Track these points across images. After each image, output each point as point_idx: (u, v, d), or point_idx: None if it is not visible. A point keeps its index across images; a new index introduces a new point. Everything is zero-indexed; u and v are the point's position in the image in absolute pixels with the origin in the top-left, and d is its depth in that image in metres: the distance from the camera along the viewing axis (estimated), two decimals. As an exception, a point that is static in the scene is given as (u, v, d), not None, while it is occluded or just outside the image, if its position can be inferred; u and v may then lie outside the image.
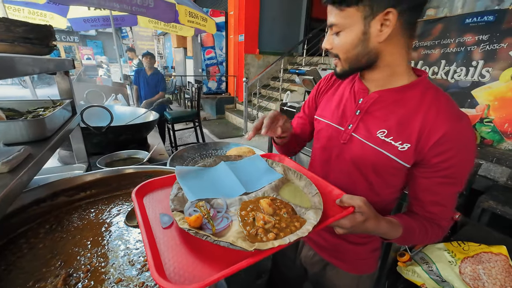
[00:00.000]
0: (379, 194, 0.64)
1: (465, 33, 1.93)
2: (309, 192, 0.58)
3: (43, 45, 0.82)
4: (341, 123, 0.66)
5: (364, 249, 0.74)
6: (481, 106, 1.91)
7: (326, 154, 0.71)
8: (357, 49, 0.54)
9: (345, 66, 0.58)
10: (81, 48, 13.80)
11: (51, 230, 0.65)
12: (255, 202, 0.52)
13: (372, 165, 0.60)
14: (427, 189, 0.57)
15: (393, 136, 0.56)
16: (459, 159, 0.52)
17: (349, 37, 0.53)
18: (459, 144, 0.51)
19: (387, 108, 0.58)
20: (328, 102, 0.73)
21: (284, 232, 0.43)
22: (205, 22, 3.21)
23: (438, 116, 0.52)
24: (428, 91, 0.56)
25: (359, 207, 0.49)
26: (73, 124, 0.96)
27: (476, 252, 1.20)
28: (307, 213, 0.49)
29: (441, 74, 2.12)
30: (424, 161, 0.54)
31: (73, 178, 0.75)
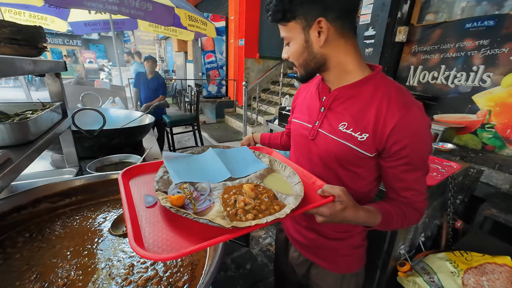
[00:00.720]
0: (349, 187, 0.64)
1: (465, 38, 1.91)
2: (292, 181, 0.60)
3: (32, 46, 0.79)
4: (309, 121, 0.71)
5: (343, 244, 0.75)
6: (482, 112, 1.88)
7: (298, 151, 0.76)
8: (304, 55, 0.61)
9: (301, 71, 0.64)
10: (84, 51, 13.93)
11: (31, 239, 0.61)
12: (239, 187, 0.54)
13: (336, 157, 0.64)
14: (395, 177, 0.61)
15: (353, 128, 0.60)
16: (414, 146, 0.55)
17: (295, 46, 0.60)
18: (411, 131, 0.54)
19: (345, 103, 0.63)
20: (301, 104, 0.79)
21: (263, 214, 0.45)
22: (205, 26, 3.21)
23: (389, 106, 0.56)
24: (380, 84, 0.59)
25: (339, 196, 0.52)
26: (63, 127, 0.93)
27: (480, 263, 1.16)
28: (287, 198, 0.52)
29: (441, 79, 2.10)
30: (385, 151, 0.58)
31: (57, 183, 0.72)
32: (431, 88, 2.18)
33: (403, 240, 1.25)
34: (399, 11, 2.19)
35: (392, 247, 1.20)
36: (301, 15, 0.57)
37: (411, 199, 0.62)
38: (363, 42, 2.36)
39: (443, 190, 1.34)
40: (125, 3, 2.14)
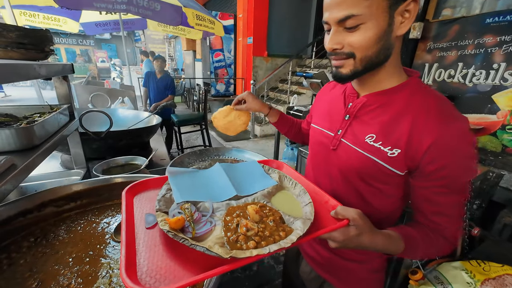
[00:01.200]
0: (371, 205, 0.59)
1: (485, 34, 1.81)
2: (302, 201, 0.55)
3: (38, 50, 0.80)
4: (331, 129, 0.64)
5: (362, 267, 0.67)
6: (502, 112, 1.78)
7: (317, 160, 0.70)
8: (380, 44, 0.47)
9: (359, 66, 0.50)
10: (96, 51, 14.27)
11: (35, 243, 0.62)
12: (243, 208, 0.50)
13: (357, 172, 0.57)
14: (426, 199, 0.52)
15: (382, 141, 0.52)
16: (454, 166, 0.47)
17: (373, 30, 0.45)
18: (453, 150, 0.46)
19: (374, 111, 0.55)
20: (321, 108, 0.72)
21: (266, 241, 0.41)
22: (213, 25, 3.21)
23: (428, 119, 0.48)
24: (417, 92, 0.52)
25: (354, 220, 0.46)
26: (70, 129, 0.94)
27: (499, 274, 1.10)
28: (295, 222, 0.47)
29: (458, 77, 2.00)
30: (419, 170, 0.50)
31: (62, 187, 0.72)
32: (447, 87, 2.08)
33: (415, 248, 1.20)
34: (413, 6, 2.09)
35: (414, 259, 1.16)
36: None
37: (442, 226, 0.53)
38: (375, 40, 2.28)
39: (459, 196, 1.27)
40: (133, 2, 2.16)
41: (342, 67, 0.52)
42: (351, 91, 0.61)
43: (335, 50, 0.50)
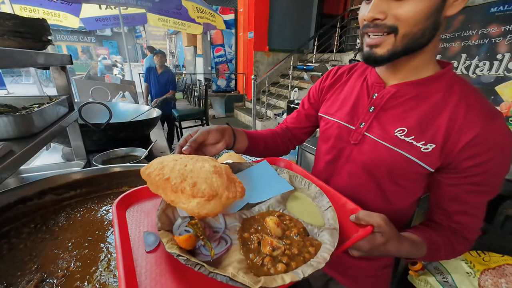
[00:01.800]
0: (392, 204, 0.56)
1: (490, 24, 1.77)
2: (320, 205, 0.49)
3: (36, 39, 0.80)
4: (351, 121, 0.59)
5: (371, 265, 0.65)
6: (506, 104, 1.75)
7: (333, 155, 0.64)
8: (429, 20, 0.42)
9: (399, 45, 0.45)
10: (98, 48, 14.29)
11: (35, 229, 0.62)
12: (260, 220, 0.44)
13: (388, 169, 0.53)
14: (454, 197, 0.50)
15: (415, 136, 0.49)
16: (494, 164, 0.45)
17: (425, 2, 0.41)
18: (494, 146, 0.44)
19: (406, 103, 0.51)
20: (336, 98, 0.65)
21: (295, 261, 0.36)
22: (214, 18, 3.18)
23: (468, 113, 0.45)
24: (455, 84, 0.48)
25: (379, 227, 0.41)
26: (69, 120, 0.94)
27: (499, 264, 1.09)
28: (320, 234, 0.41)
29: (461, 68, 1.97)
30: (452, 165, 0.47)
31: (61, 176, 0.73)
32: (450, 79, 2.05)
33: (415, 238, 1.20)
34: (416, -4, 2.06)
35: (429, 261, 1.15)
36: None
37: (466, 226, 0.51)
38: (377, 31, 2.25)
39: (460, 187, 1.26)
40: (132, -5, 2.14)
41: (379, 46, 0.46)
42: (376, 80, 0.56)
43: (376, 20, 0.44)
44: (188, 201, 0.38)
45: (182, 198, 0.38)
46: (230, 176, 0.44)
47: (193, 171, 0.41)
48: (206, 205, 0.39)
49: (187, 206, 0.38)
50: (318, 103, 0.74)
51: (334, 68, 0.72)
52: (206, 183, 0.39)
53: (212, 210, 0.39)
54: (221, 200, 0.40)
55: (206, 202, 0.38)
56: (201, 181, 0.40)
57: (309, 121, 0.78)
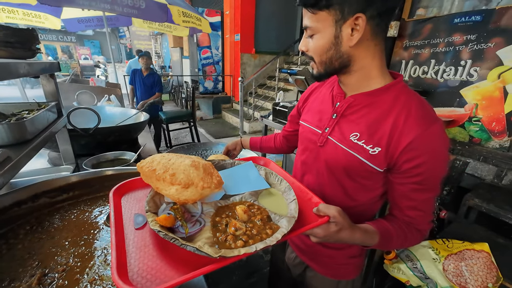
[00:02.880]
0: (354, 199, 0.64)
1: (454, 33, 1.95)
2: (287, 198, 0.57)
3: (26, 48, 0.83)
4: (319, 126, 0.67)
5: (341, 254, 0.74)
6: (469, 105, 1.93)
7: (305, 155, 0.73)
8: (330, 52, 0.55)
9: (320, 69, 0.59)
10: (79, 48, 13.77)
11: (31, 231, 0.66)
12: (232, 208, 0.52)
13: (344, 168, 0.61)
14: (402, 195, 0.57)
15: (365, 140, 0.56)
16: (429, 166, 0.52)
17: (322, 40, 0.54)
18: (429, 150, 0.50)
19: (360, 111, 0.59)
20: (311, 106, 0.75)
21: (253, 240, 0.43)
22: (199, 22, 3.22)
23: (407, 120, 0.52)
24: (401, 95, 0.55)
25: (334, 217, 0.49)
26: (59, 126, 0.97)
27: (460, 249, 1.23)
28: (281, 220, 0.49)
29: (431, 73, 2.14)
30: (396, 167, 0.55)
31: (54, 180, 0.76)
32: (422, 83, 2.22)
33: (388, 230, 1.31)
34: (390, 6, 2.21)
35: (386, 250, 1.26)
36: (338, 5, 0.50)
37: (416, 220, 0.58)
38: (355, 37, 2.39)
39: (428, 182, 1.39)
40: (118, 1, 2.15)
41: (313, 68, 0.61)
42: (338, 91, 0.65)
43: (303, 51, 0.60)
44: (168, 188, 0.48)
45: (164, 185, 0.48)
46: (208, 170, 0.53)
47: (174, 164, 0.50)
48: (183, 192, 0.48)
49: (168, 192, 0.48)
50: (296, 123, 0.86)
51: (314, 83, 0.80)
52: (183, 174, 0.49)
53: (190, 197, 0.48)
54: (197, 189, 0.49)
55: (183, 189, 0.48)
56: (179, 172, 0.49)
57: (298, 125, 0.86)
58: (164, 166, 0.49)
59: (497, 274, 1.14)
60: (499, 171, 1.62)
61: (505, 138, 1.77)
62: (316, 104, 0.73)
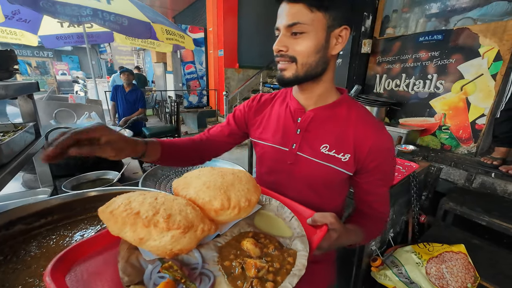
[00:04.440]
0: (330, 204, 0.68)
1: (420, 50, 2.14)
2: (284, 216, 0.52)
3: (3, 69, 0.81)
4: (284, 144, 0.66)
5: (323, 265, 0.76)
6: (438, 115, 2.09)
7: (274, 176, 0.70)
8: (318, 55, 0.55)
9: (301, 71, 0.56)
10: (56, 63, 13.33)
11: (5, 261, 0.62)
12: (236, 245, 0.43)
13: (323, 180, 0.64)
14: (368, 191, 0.64)
15: (335, 149, 0.60)
16: (387, 162, 0.61)
17: (314, 41, 0.53)
18: (384, 149, 0.60)
19: (324, 124, 0.63)
20: (266, 124, 0.71)
21: (280, 275, 0.37)
22: (183, 39, 3.27)
23: (365, 128, 0.60)
24: (351, 106, 0.63)
25: (332, 224, 0.49)
26: (37, 147, 0.93)
27: (440, 252, 1.29)
28: (293, 243, 0.44)
29: (402, 86, 2.31)
30: (363, 168, 0.61)
31: (31, 204, 0.73)
32: (395, 95, 2.38)
33: (373, 237, 1.35)
34: (363, 25, 2.39)
35: (363, 244, 1.30)
36: (334, 11, 0.52)
37: (380, 210, 0.66)
38: (333, 54, 2.54)
39: (407, 188, 1.47)
40: (99, 16, 2.15)
41: (286, 70, 0.57)
42: (297, 106, 0.65)
43: (281, 51, 0.56)
44: (161, 236, 0.36)
45: (154, 234, 0.35)
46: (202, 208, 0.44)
47: (165, 203, 0.39)
48: (181, 239, 0.36)
49: (159, 242, 0.35)
50: (243, 124, 0.78)
51: (258, 94, 0.79)
52: (180, 215, 0.38)
53: (187, 245, 0.37)
54: (196, 233, 0.38)
55: (182, 235, 0.36)
56: (175, 213, 0.38)
57: (231, 137, 0.80)
58: (152, 206, 0.38)
59: (475, 274, 1.20)
60: (469, 175, 1.75)
61: (472, 145, 1.93)
62: (272, 121, 0.70)
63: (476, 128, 1.89)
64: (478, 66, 1.80)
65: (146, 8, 2.82)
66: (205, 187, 0.46)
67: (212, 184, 0.46)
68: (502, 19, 1.68)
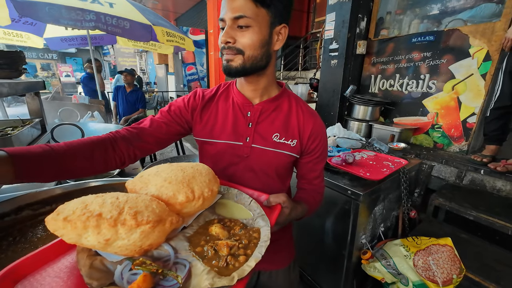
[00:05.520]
0: (281, 186, 0.76)
1: (413, 51, 2.19)
2: (243, 201, 0.57)
3: (13, 69, 0.88)
4: (237, 139, 0.68)
5: (282, 242, 0.83)
6: (431, 114, 2.14)
7: (232, 170, 0.71)
8: (263, 49, 0.59)
9: (247, 63, 0.59)
10: (60, 65, 13.52)
11: (14, 242, 0.68)
12: (204, 232, 0.46)
13: (276, 166, 0.71)
14: (309, 169, 0.75)
15: (285, 137, 0.69)
16: (322, 143, 0.73)
17: (259, 35, 0.57)
18: (321, 132, 0.71)
19: (271, 115, 0.69)
20: (214, 121, 0.70)
21: (250, 249, 0.42)
22: (183, 41, 3.35)
23: (304, 115, 0.70)
24: (290, 97, 0.73)
25: (284, 202, 0.58)
26: (43, 141, 1.00)
27: (427, 245, 1.33)
28: (255, 222, 0.49)
29: (396, 86, 2.36)
30: (305, 150, 0.71)
31: (38, 192, 0.79)
32: (389, 95, 2.43)
33: (363, 230, 1.40)
34: (357, 27, 2.45)
35: (354, 237, 1.35)
36: (275, 9, 0.57)
37: (318, 186, 0.77)
38: (329, 55, 2.60)
39: (397, 185, 1.52)
40: (102, 20, 2.23)
41: (233, 61, 0.59)
42: (244, 101, 0.68)
43: (228, 43, 0.57)
44: (129, 234, 0.35)
45: (122, 232, 0.35)
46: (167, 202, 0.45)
47: (129, 201, 0.38)
48: (150, 234, 0.36)
49: (128, 241, 0.35)
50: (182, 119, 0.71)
51: (198, 90, 0.75)
52: (148, 210, 0.38)
53: (156, 240, 0.38)
54: (165, 227, 0.39)
55: (151, 230, 0.36)
56: (142, 209, 0.37)
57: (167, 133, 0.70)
58: (115, 206, 0.37)
59: (460, 265, 1.24)
60: (459, 173, 1.79)
61: (463, 143, 1.97)
62: (220, 118, 0.70)
63: (467, 127, 1.93)
64: (468, 66, 1.85)
65: (147, 10, 2.91)
66: (167, 182, 0.47)
67: (174, 179, 0.47)
68: (490, 21, 1.73)
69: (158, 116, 0.71)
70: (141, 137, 0.65)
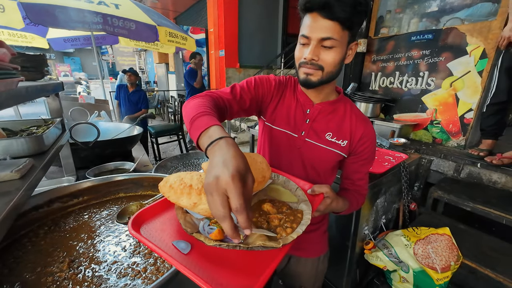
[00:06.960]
0: (325, 181, 0.82)
1: (412, 49, 2.25)
2: (290, 188, 0.65)
3: (38, 71, 0.93)
4: (294, 131, 0.77)
5: (316, 234, 0.90)
6: (430, 110, 2.20)
7: (286, 158, 0.80)
8: (339, 65, 0.67)
9: (324, 77, 0.66)
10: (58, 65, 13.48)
11: (50, 230, 0.74)
12: (259, 209, 0.56)
13: (324, 161, 0.78)
14: (355, 170, 0.79)
15: (336, 137, 0.75)
16: (371, 147, 0.77)
17: (340, 54, 0.63)
18: (370, 137, 0.76)
19: (328, 116, 0.76)
20: (280, 112, 0.79)
21: (295, 223, 0.50)
22: (185, 41, 3.39)
23: (357, 120, 0.76)
24: (346, 103, 0.79)
25: (327, 192, 0.63)
26: (64, 140, 1.06)
27: (426, 235, 1.40)
28: (299, 206, 0.57)
29: (396, 83, 2.42)
30: (353, 151, 0.76)
31: (66, 186, 0.85)
32: (390, 92, 2.49)
33: (366, 222, 1.47)
34: (358, 26, 2.50)
35: (357, 229, 1.42)
36: (354, 30, 0.63)
37: (362, 187, 0.81)
38: (330, 53, 2.66)
39: (398, 178, 1.59)
40: (109, 22, 2.27)
41: (313, 75, 0.66)
42: (306, 100, 0.76)
43: (312, 60, 0.64)
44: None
45: (204, 199, 0.46)
46: None
47: None
48: None
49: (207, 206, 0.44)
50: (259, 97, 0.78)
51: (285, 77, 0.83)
52: None
53: None
54: None
55: None
56: None
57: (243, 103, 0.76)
58: (199, 181, 0.49)
59: (458, 253, 1.32)
60: (457, 166, 1.86)
61: (461, 138, 2.04)
62: (284, 110, 0.79)
63: (464, 122, 2.00)
64: (465, 64, 1.91)
65: (151, 11, 2.95)
66: None
67: None
68: (487, 19, 1.79)
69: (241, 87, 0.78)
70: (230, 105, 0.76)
